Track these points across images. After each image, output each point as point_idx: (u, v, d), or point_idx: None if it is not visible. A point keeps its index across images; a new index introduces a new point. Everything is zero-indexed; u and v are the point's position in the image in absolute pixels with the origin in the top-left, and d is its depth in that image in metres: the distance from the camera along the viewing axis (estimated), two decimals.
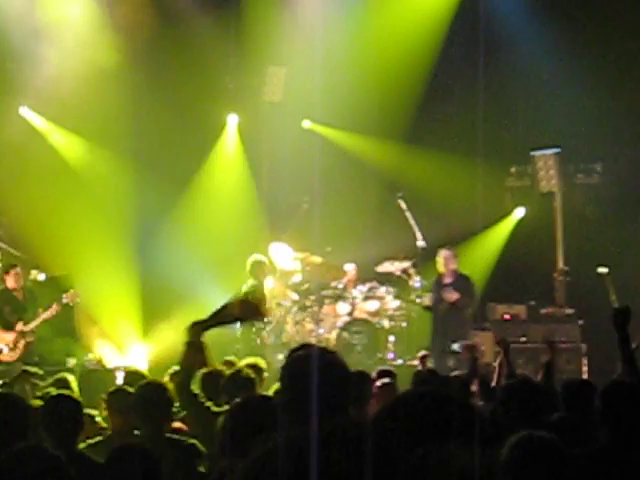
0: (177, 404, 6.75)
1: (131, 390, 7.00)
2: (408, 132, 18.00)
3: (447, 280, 14.91)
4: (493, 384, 8.58)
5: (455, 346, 10.18)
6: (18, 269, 14.45)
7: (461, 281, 14.93)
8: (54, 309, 14.19)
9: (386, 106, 17.64)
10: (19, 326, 14.06)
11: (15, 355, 13.99)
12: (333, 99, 16.81)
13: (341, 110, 17.36)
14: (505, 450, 4.02)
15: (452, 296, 14.70)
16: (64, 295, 14.34)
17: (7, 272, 14.41)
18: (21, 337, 14.04)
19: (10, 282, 14.32)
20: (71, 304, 14.60)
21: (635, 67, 17.07)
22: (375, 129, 17.92)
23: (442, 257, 14.98)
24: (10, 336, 13.99)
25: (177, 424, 7.09)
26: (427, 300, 15.23)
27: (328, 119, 17.92)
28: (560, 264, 17.23)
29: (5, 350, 14.02)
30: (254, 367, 8.02)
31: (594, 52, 17.11)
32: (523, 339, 15.31)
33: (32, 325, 14.11)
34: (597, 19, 17.08)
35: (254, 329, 15.11)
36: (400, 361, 15.18)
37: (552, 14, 17.33)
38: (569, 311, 16.01)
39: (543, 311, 15.98)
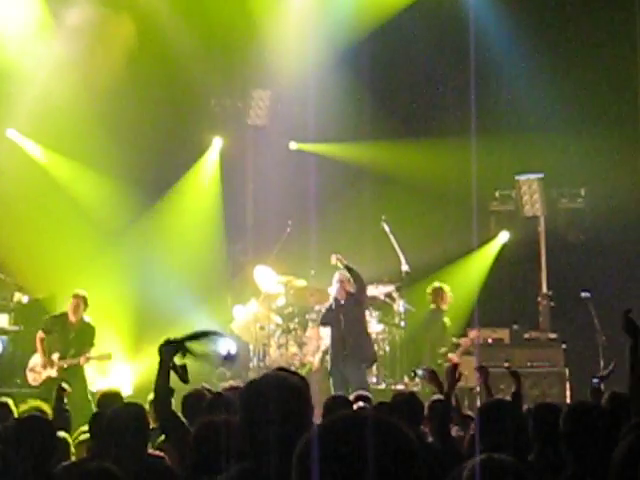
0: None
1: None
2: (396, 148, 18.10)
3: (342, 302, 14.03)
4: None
5: (419, 372, 10.04)
6: (81, 302, 13.73)
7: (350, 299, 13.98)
8: (83, 359, 13.59)
9: (374, 118, 17.68)
10: (54, 357, 13.66)
11: (35, 382, 13.77)
12: (321, 115, 16.78)
13: (332, 124, 17.36)
14: (465, 473, 3.91)
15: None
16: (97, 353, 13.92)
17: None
18: (50, 368, 13.70)
19: (70, 310, 13.77)
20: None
21: (619, 94, 17.17)
22: (367, 136, 17.96)
23: (337, 281, 13.96)
24: (45, 368, 13.67)
25: (156, 452, 6.98)
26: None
27: (317, 136, 17.81)
28: (544, 288, 17.24)
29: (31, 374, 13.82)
30: (237, 389, 7.93)
31: (579, 79, 17.21)
32: (506, 364, 15.29)
33: (63, 363, 13.61)
34: (583, 48, 17.19)
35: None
36: (383, 385, 15.14)
37: (539, 40, 17.42)
38: (552, 335, 15.96)
39: (526, 335, 15.91)
